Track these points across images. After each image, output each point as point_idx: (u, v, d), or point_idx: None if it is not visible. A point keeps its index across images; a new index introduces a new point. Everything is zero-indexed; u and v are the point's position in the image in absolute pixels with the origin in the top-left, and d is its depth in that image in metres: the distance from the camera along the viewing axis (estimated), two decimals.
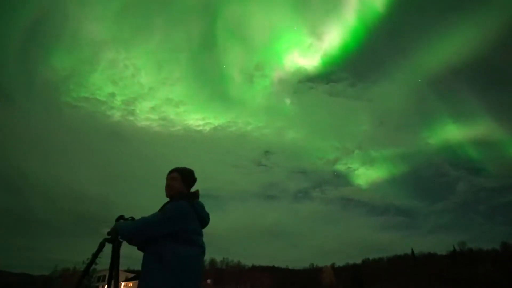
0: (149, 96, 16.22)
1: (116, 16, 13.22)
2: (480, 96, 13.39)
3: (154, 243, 0.64)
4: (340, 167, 18.07)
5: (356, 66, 18.47)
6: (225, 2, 15.92)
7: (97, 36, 13.74)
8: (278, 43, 16.25)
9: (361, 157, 17.40)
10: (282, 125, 18.26)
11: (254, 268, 20.26)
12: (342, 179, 20.23)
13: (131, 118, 16.03)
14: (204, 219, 0.65)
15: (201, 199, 0.66)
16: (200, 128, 17.80)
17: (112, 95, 15.25)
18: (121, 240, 0.65)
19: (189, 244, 0.61)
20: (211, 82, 17.10)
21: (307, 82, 18.79)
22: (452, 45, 13.58)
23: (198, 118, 17.41)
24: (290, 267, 21.82)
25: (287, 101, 17.80)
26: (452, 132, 14.33)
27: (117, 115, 15.52)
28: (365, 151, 17.52)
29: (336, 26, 15.71)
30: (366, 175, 17.97)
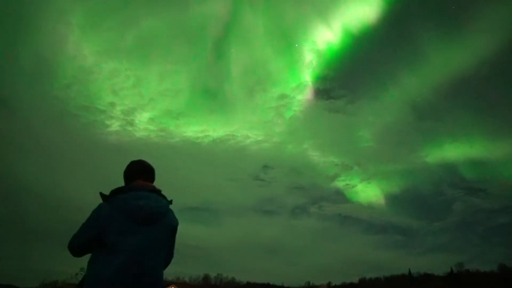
0: (149, 107, 16.30)
1: (120, 27, 13.47)
2: (477, 117, 13.53)
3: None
4: (339, 183, 17.97)
5: (355, 83, 18.77)
6: (230, 20, 16.33)
7: (100, 46, 13.94)
8: (280, 59, 16.51)
9: (360, 174, 17.33)
10: (281, 140, 18.27)
11: (249, 285, 19.74)
12: (340, 195, 20.08)
13: (129, 128, 16.04)
14: (131, 213, 0.56)
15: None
16: (199, 140, 17.80)
17: (112, 104, 15.30)
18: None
19: (112, 253, 0.54)
20: (212, 95, 17.25)
21: (307, 98, 18.99)
22: (448, 64, 13.87)
23: (197, 131, 17.43)
24: (286, 285, 21.27)
25: (287, 116, 17.89)
26: (450, 152, 14.35)
27: (116, 124, 15.52)
28: (364, 168, 17.47)
29: (335, 44, 16.01)
30: (364, 192, 17.85)
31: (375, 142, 16.91)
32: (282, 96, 18.78)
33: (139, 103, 15.86)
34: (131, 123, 16.03)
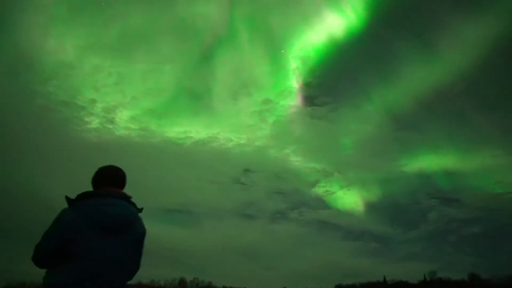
0: (130, 105, 15.95)
1: (104, 22, 13.17)
2: (451, 130, 14.12)
3: None
4: (319, 189, 18.18)
5: (338, 92, 19.07)
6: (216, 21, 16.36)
7: (83, 41, 13.59)
8: (265, 64, 16.63)
9: (340, 181, 17.59)
10: (264, 144, 18.31)
11: None
12: (320, 202, 20.25)
13: (110, 126, 15.62)
14: (96, 220, 0.54)
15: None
16: (181, 141, 17.55)
17: (93, 101, 14.88)
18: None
19: (74, 261, 0.52)
20: (196, 97, 17.12)
21: (291, 104, 19.18)
22: (425, 77, 14.42)
23: (180, 131, 17.20)
24: None
25: (270, 120, 17.99)
26: (426, 162, 14.83)
27: (96, 122, 15.09)
28: (344, 175, 17.73)
29: (319, 52, 16.30)
30: (343, 199, 18.13)
31: (355, 150, 17.23)
32: (266, 101, 18.88)
33: (121, 101, 15.49)
34: (111, 121, 15.63)
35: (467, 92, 12.88)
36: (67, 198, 0.58)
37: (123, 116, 15.75)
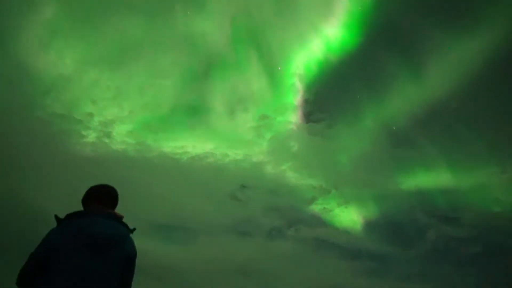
0: (128, 120, 15.94)
1: (105, 37, 13.33)
2: (447, 147, 14.25)
3: None
4: (316, 206, 17.98)
5: (334, 108, 19.20)
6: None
7: (83, 55, 13.75)
8: (263, 80, 16.85)
9: (337, 198, 17.45)
10: (260, 160, 18.23)
11: None
12: (317, 219, 19.92)
13: (106, 140, 15.52)
14: (83, 239, 0.52)
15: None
16: (177, 156, 17.42)
17: (90, 115, 14.87)
18: None
19: (56, 282, 0.49)
20: (193, 111, 17.21)
21: (288, 120, 19.29)
22: (420, 95, 14.69)
23: (176, 146, 17.11)
24: None
25: (267, 136, 18.02)
26: (423, 180, 14.80)
27: (92, 136, 15.02)
28: (341, 192, 17.63)
29: (316, 69, 16.63)
30: (341, 216, 17.93)
31: (352, 167, 17.21)
32: (263, 117, 18.91)
33: (118, 115, 15.47)
34: (108, 135, 15.54)
35: (461, 109, 13.04)
36: (56, 217, 0.56)
37: (120, 130, 15.70)
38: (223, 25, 14.85)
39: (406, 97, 14.87)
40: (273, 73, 17.60)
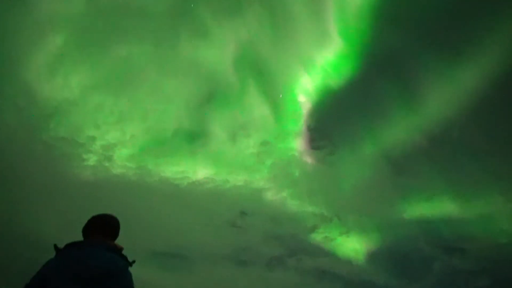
0: (129, 144, 16.02)
1: (111, 63, 13.71)
2: (450, 176, 14.11)
3: None
4: (318, 235, 17.54)
5: (335, 135, 19.30)
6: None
7: (89, 80, 14.09)
8: (265, 106, 17.08)
9: (339, 227, 17.07)
10: (261, 186, 18.06)
11: None
12: (318, 248, 19.33)
13: (107, 164, 15.51)
14: (77, 271, 0.50)
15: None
16: (177, 181, 17.30)
17: (92, 138, 14.99)
18: None
19: None
20: (194, 136, 17.32)
21: (288, 147, 19.35)
22: (418, 124, 14.78)
23: (177, 171, 17.05)
24: None
25: (268, 162, 17.98)
26: (427, 209, 14.53)
27: (93, 159, 15.05)
28: (343, 220, 17.29)
29: (317, 96, 16.92)
30: (343, 246, 17.43)
31: (354, 195, 17.00)
32: (265, 143, 18.96)
33: (120, 139, 15.57)
34: (109, 159, 15.54)
35: (462, 138, 13.05)
36: (55, 246, 0.54)
37: (121, 154, 15.73)
38: (226, 53, 15.25)
39: (407, 125, 14.98)
40: (274, 100, 17.90)
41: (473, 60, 11.70)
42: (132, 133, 15.45)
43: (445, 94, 12.85)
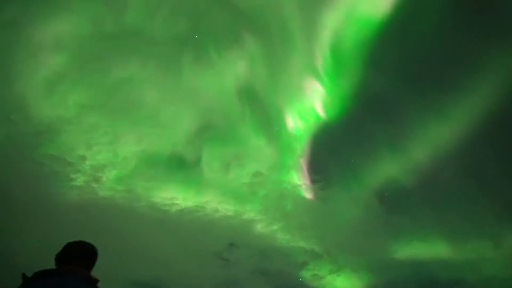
0: (120, 166, 15.76)
1: (112, 86, 13.85)
2: (441, 217, 14.11)
3: None
4: (307, 272, 16.98)
5: (328, 171, 19.32)
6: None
7: (86, 99, 14.13)
8: (260, 138, 17.20)
9: (329, 264, 16.58)
10: (251, 218, 17.70)
11: None
12: (308, 286, 18.71)
13: (95, 185, 15.12)
14: None
15: None
16: (166, 208, 16.84)
17: (83, 158, 14.74)
18: None
19: None
20: (187, 163, 17.19)
21: (281, 179, 19.23)
22: (408, 162, 14.98)
23: (166, 197, 16.66)
24: None
25: (260, 194, 17.77)
26: (418, 249, 14.31)
27: (81, 179, 14.69)
28: (333, 258, 16.86)
29: (310, 131, 17.19)
30: (333, 285, 16.87)
31: (345, 232, 16.75)
32: (258, 174, 18.85)
33: (111, 161, 15.32)
34: (97, 180, 15.16)
35: (452, 179, 13.23)
36: (23, 275, 0.49)
37: (110, 176, 15.41)
38: (225, 84, 15.59)
39: (398, 164, 15.17)
40: (270, 132, 18.09)
41: (461, 102, 12.18)
42: (124, 155, 15.28)
43: (435, 135, 13.20)
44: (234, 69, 14.85)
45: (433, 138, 13.01)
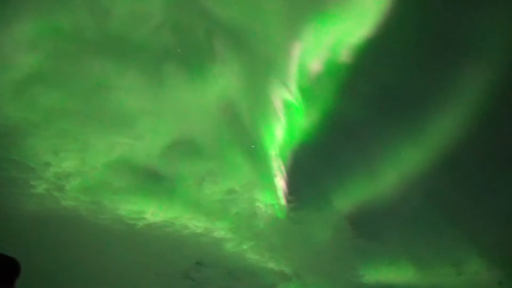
0: (87, 175, 14.93)
1: (91, 93, 13.40)
2: (409, 243, 14.50)
3: None
4: None
5: (301, 192, 19.56)
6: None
7: (60, 104, 13.54)
8: (236, 155, 17.14)
9: (298, 287, 16.43)
10: (221, 236, 17.31)
11: None
12: None
13: (57, 194, 14.16)
14: None
15: None
16: (133, 222, 16.02)
17: (47, 164, 13.87)
18: None
19: None
20: (159, 176, 16.68)
21: (255, 198, 19.08)
22: (376, 188, 15.47)
23: (134, 211, 15.89)
24: None
25: (232, 212, 17.49)
26: (386, 274, 14.56)
27: (42, 187, 13.72)
28: (303, 280, 16.70)
29: (286, 152, 17.44)
30: None
31: (315, 254, 16.73)
32: (231, 191, 18.60)
33: (78, 169, 14.52)
34: (60, 189, 14.24)
35: (419, 206, 13.77)
36: None
37: (75, 185, 14.56)
38: (205, 99, 15.62)
39: (368, 189, 15.62)
40: (246, 150, 18.12)
41: (429, 129, 12.91)
42: (93, 164, 14.56)
43: (404, 161, 13.80)
44: (215, 85, 14.93)
45: (402, 164, 13.62)
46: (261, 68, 14.98)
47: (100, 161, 14.83)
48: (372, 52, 12.73)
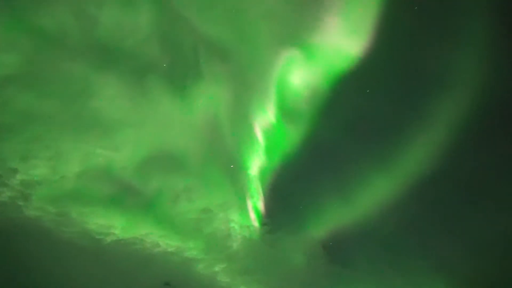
0: (56, 185, 14.20)
1: (67, 96, 13.03)
2: (384, 269, 14.58)
3: None
4: None
5: (277, 214, 19.50)
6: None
7: (32, 108, 13.06)
8: (213, 173, 16.96)
9: None
10: (193, 256, 16.74)
11: None
12: None
13: (21, 203, 13.39)
14: None
15: None
16: (101, 237, 15.23)
17: (14, 171, 13.13)
18: None
19: None
20: (132, 190, 16.14)
21: (229, 219, 18.71)
22: (351, 212, 15.71)
23: (103, 225, 15.15)
24: None
25: (206, 231, 17.06)
26: None
27: (5, 195, 12.94)
28: None
29: (265, 175, 17.50)
30: None
31: (287, 279, 16.48)
32: (206, 210, 18.21)
33: (47, 178, 13.82)
34: (26, 198, 13.43)
35: (393, 234, 14.02)
36: None
37: (42, 195, 13.81)
38: (187, 115, 15.60)
39: (342, 214, 15.80)
40: (224, 169, 18.00)
41: (404, 156, 13.40)
42: (63, 173, 13.93)
43: (379, 187, 14.15)
44: (198, 101, 14.99)
45: (375, 191, 13.95)
46: (244, 88, 15.23)
47: (71, 171, 14.21)
48: (351, 83, 13.29)
